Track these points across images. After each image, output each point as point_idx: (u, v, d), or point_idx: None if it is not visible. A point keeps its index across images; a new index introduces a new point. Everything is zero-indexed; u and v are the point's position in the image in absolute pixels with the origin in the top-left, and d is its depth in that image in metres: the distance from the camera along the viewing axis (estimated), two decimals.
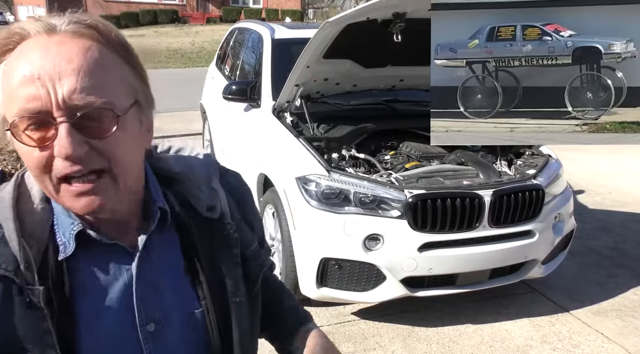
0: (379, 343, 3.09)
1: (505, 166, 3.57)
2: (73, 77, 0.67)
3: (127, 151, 0.73)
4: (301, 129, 3.59)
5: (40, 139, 0.68)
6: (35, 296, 0.71)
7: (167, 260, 0.83)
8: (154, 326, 0.80)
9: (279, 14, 31.84)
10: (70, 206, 0.72)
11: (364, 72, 3.58)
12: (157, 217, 0.81)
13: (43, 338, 0.71)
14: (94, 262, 0.77)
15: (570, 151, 6.85)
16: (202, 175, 0.90)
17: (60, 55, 0.67)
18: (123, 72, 0.73)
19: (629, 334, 3.24)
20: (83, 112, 0.67)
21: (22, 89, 0.67)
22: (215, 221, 0.87)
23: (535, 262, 3.31)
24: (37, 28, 0.70)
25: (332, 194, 3.01)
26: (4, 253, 0.72)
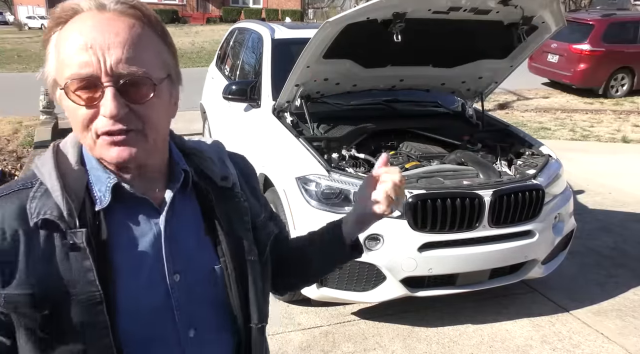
0: (379, 343, 3.09)
1: (505, 166, 3.57)
2: (119, 49, 0.78)
3: (159, 116, 0.85)
4: (301, 129, 3.59)
5: (88, 99, 0.79)
6: (78, 238, 0.81)
7: (189, 220, 0.94)
8: (179, 276, 0.89)
9: (279, 14, 31.84)
10: (105, 155, 0.83)
11: (364, 72, 3.57)
12: (181, 177, 0.92)
13: (85, 275, 0.81)
14: (126, 215, 0.88)
15: (570, 151, 6.86)
16: (214, 152, 1.02)
17: (110, 29, 0.79)
18: (159, 48, 0.85)
19: (629, 334, 3.24)
20: (126, 79, 0.79)
21: (75, 56, 0.78)
22: (229, 190, 0.99)
23: (535, 262, 3.30)
24: (89, 5, 0.81)
25: (332, 194, 3.01)
26: (48, 203, 0.82)
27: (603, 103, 10.46)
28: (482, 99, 4.09)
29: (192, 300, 0.91)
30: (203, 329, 0.92)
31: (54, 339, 0.81)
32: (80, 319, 0.81)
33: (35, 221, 0.81)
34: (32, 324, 0.81)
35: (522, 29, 3.35)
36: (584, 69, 10.49)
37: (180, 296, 0.89)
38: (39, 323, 0.80)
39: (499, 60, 3.75)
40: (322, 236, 1.14)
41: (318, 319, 3.31)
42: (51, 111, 7.66)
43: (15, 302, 0.80)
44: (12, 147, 6.95)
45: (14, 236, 0.81)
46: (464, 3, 3.03)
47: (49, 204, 0.82)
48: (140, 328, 0.86)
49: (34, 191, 0.84)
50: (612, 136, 8.13)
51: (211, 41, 20.90)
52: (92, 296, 0.81)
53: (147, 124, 0.83)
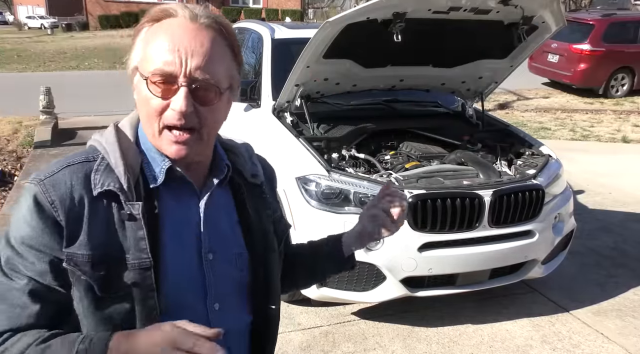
0: (379, 343, 3.09)
1: (505, 166, 3.57)
2: (200, 57, 0.91)
3: (217, 118, 0.97)
4: (301, 129, 3.59)
5: (164, 92, 0.91)
6: (135, 210, 0.92)
7: (224, 210, 1.06)
8: (212, 255, 1.01)
9: (279, 14, 31.83)
10: (165, 149, 0.95)
11: (364, 72, 3.57)
12: (226, 170, 1.04)
13: (139, 243, 0.92)
14: (173, 195, 0.99)
15: (570, 151, 6.86)
16: (244, 152, 1.14)
17: (197, 39, 0.91)
18: (230, 63, 0.97)
19: (629, 334, 3.24)
20: (198, 84, 0.91)
21: (163, 54, 0.90)
22: (257, 186, 1.12)
23: (535, 262, 3.30)
24: (184, 13, 0.93)
25: (332, 194, 3.01)
26: (111, 176, 0.93)
27: (603, 103, 10.46)
28: (482, 99, 4.09)
29: (220, 278, 1.02)
30: (226, 305, 1.03)
31: (108, 297, 0.91)
32: (131, 281, 0.91)
33: (99, 191, 0.92)
34: (89, 282, 0.90)
35: (522, 29, 3.35)
36: (584, 69, 10.49)
37: (212, 273, 1.00)
38: (95, 282, 0.90)
39: (499, 60, 3.74)
40: (320, 247, 1.26)
41: (318, 319, 3.31)
42: (51, 111, 7.66)
43: (76, 261, 0.89)
44: (12, 147, 6.95)
45: (81, 202, 0.91)
46: (464, 3, 3.02)
47: (112, 177, 0.93)
48: (178, 294, 0.96)
49: (97, 164, 0.94)
50: (612, 136, 8.13)
51: None
52: (143, 261, 0.91)
53: (205, 125, 0.94)
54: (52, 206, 0.90)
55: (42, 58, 17.30)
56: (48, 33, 30.17)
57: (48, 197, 0.90)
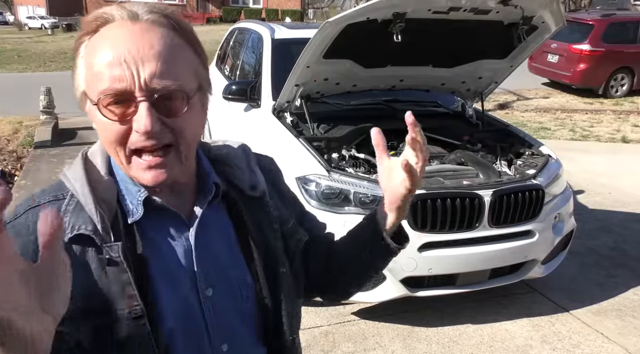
0: (379, 343, 3.09)
1: (505, 166, 3.57)
2: (154, 63, 0.76)
3: (192, 128, 0.82)
4: (301, 129, 3.59)
5: (121, 114, 0.77)
6: (114, 252, 0.79)
7: (220, 233, 0.91)
8: (211, 290, 0.88)
9: (279, 14, 31.84)
10: (139, 177, 0.81)
11: (364, 72, 3.57)
12: (213, 190, 0.90)
13: (125, 289, 0.79)
14: (157, 229, 0.86)
15: (570, 151, 6.86)
16: (242, 158, 0.98)
17: (143, 41, 0.76)
18: (191, 58, 0.82)
19: (629, 334, 3.24)
20: (160, 93, 0.76)
21: (108, 70, 0.75)
22: (257, 199, 0.96)
23: (535, 262, 3.30)
24: (121, 14, 0.78)
25: (332, 194, 3.01)
26: (82, 216, 0.80)
27: (603, 103, 10.46)
28: (482, 99, 4.09)
29: (225, 314, 0.89)
30: (235, 343, 0.90)
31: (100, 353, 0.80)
32: (124, 333, 0.80)
33: (69, 236, 0.79)
34: (77, 338, 0.79)
35: (522, 29, 3.35)
36: (583, 69, 10.49)
37: (214, 310, 0.88)
38: (83, 340, 0.79)
39: (499, 60, 3.75)
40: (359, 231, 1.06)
41: (318, 319, 3.31)
42: (51, 111, 7.66)
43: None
44: (12, 147, 6.96)
45: None
46: (464, 3, 3.03)
47: (83, 217, 0.81)
48: (179, 340, 0.85)
49: (66, 203, 0.82)
50: (612, 136, 8.13)
51: (211, 41, 20.86)
52: (133, 309, 0.80)
53: (181, 138, 0.80)
54: None
55: (42, 58, 17.30)
56: (48, 33, 30.19)
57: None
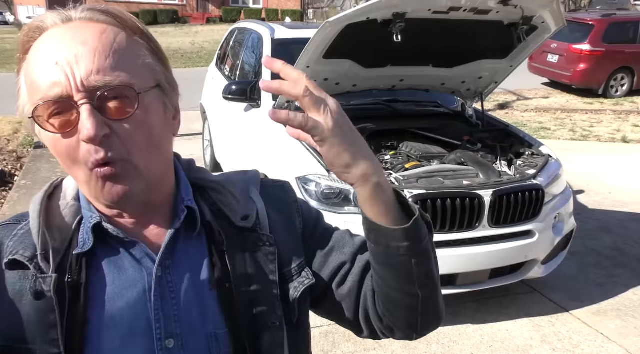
0: (379, 343, 3.09)
1: (505, 166, 3.57)
2: (89, 58, 0.66)
3: (148, 135, 0.70)
4: None
5: (63, 125, 0.67)
6: (46, 285, 0.69)
7: (193, 270, 0.76)
8: (173, 342, 0.73)
9: (279, 14, 31.84)
10: (99, 195, 0.70)
11: (364, 72, 3.58)
12: (183, 216, 0.76)
13: (48, 332, 0.68)
14: (112, 261, 0.74)
15: (570, 151, 6.86)
16: (239, 185, 0.84)
17: (75, 38, 0.67)
18: (140, 52, 0.71)
19: (629, 334, 3.24)
20: (102, 91, 0.66)
21: (42, 76, 0.67)
22: (249, 231, 0.80)
23: (535, 262, 3.31)
24: (54, 19, 0.70)
25: (332, 194, 3.01)
26: (26, 242, 0.72)
27: (603, 103, 10.46)
28: (482, 99, 4.09)
29: None
30: None
31: None
32: None
33: (5, 261, 0.70)
34: None
35: (522, 29, 3.35)
36: (583, 69, 10.49)
37: None
38: None
39: (499, 60, 3.75)
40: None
41: (318, 319, 3.28)
42: None
43: None
44: (12, 147, 6.96)
45: None
46: (464, 3, 3.03)
47: (26, 243, 0.72)
48: None
49: (20, 227, 0.74)
50: (612, 136, 8.13)
51: (211, 41, 20.89)
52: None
53: (133, 149, 0.68)
54: None
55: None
56: None
57: None
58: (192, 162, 0.86)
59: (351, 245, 0.88)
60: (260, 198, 0.84)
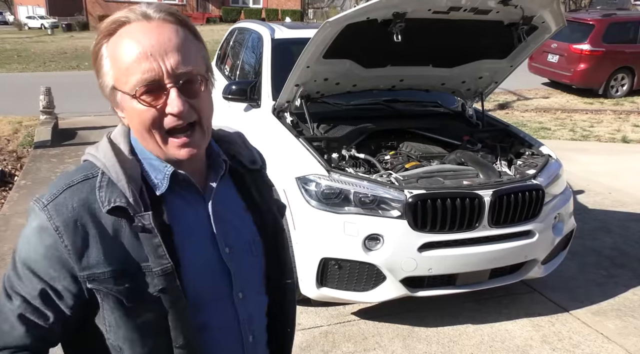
0: (379, 343, 3.09)
1: (505, 166, 3.57)
2: (175, 53, 0.90)
3: (208, 105, 0.97)
4: (301, 129, 3.59)
5: (154, 100, 0.90)
6: (145, 220, 0.92)
7: (230, 201, 1.08)
8: (228, 249, 1.03)
9: (279, 14, 31.83)
10: (175, 154, 0.94)
11: (364, 72, 3.57)
12: (224, 166, 1.05)
13: (157, 250, 0.93)
14: (179, 200, 0.99)
15: (570, 151, 6.86)
16: (240, 137, 1.16)
17: (162, 36, 0.90)
18: (198, 46, 0.96)
19: (629, 334, 3.24)
20: (185, 78, 0.91)
21: (138, 64, 0.88)
22: (258, 171, 1.15)
23: (535, 262, 3.30)
24: (136, 16, 0.91)
25: (332, 194, 3.01)
26: (115, 191, 0.92)
27: (603, 103, 10.46)
28: (482, 99, 4.09)
29: (241, 268, 1.05)
30: (248, 292, 1.07)
31: (138, 307, 0.94)
32: (157, 288, 0.93)
33: (107, 209, 0.91)
34: (116, 296, 0.92)
35: (522, 29, 3.35)
36: (584, 69, 10.49)
37: (233, 266, 1.03)
38: (122, 295, 0.92)
39: (499, 60, 3.75)
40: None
41: (318, 319, 3.31)
42: (51, 111, 7.66)
43: (98, 280, 0.91)
44: (12, 147, 6.95)
45: (88, 222, 0.91)
46: (464, 3, 3.03)
47: (116, 192, 0.92)
48: (205, 292, 1.00)
49: (99, 181, 0.93)
50: (612, 136, 8.13)
51: (211, 41, 20.86)
52: (165, 267, 0.93)
53: (202, 115, 0.95)
54: (57, 232, 0.90)
55: (42, 58, 17.29)
56: (48, 33, 30.16)
57: (52, 224, 0.90)
58: None
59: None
60: (254, 147, 1.18)
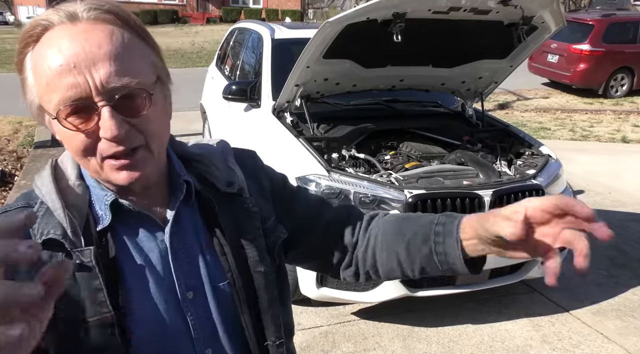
0: (379, 343, 3.09)
1: (505, 166, 3.57)
2: (106, 62, 0.71)
3: (159, 125, 0.79)
4: (301, 129, 3.59)
5: (84, 124, 0.73)
6: (85, 257, 0.76)
7: (194, 233, 0.88)
8: (192, 294, 0.85)
9: (279, 14, 31.84)
10: (113, 179, 0.78)
11: (364, 72, 3.58)
12: (184, 189, 0.86)
13: (96, 295, 0.76)
14: (131, 233, 0.83)
15: (570, 151, 6.86)
16: (218, 156, 0.95)
17: (90, 42, 0.71)
18: (144, 50, 0.78)
19: (629, 334, 3.24)
20: (121, 93, 0.72)
21: (60, 78, 0.71)
22: (235, 195, 0.92)
23: (535, 263, 3.30)
24: (60, 18, 0.73)
25: (332, 194, 3.01)
26: (51, 221, 0.77)
27: (603, 103, 10.46)
28: (482, 99, 4.09)
29: (208, 318, 0.86)
30: (220, 349, 0.87)
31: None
32: (94, 343, 0.76)
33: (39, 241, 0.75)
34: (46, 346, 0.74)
35: (522, 29, 3.35)
36: (583, 69, 10.49)
37: (195, 314, 0.85)
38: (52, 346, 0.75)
39: (499, 60, 3.75)
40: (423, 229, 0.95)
41: (318, 319, 3.31)
42: None
43: None
44: (12, 147, 6.96)
45: None
46: (464, 3, 3.03)
47: (52, 223, 0.77)
48: (159, 346, 0.81)
49: (35, 210, 0.79)
50: (612, 136, 8.13)
51: (211, 41, 20.89)
52: (104, 317, 0.76)
53: (150, 137, 0.77)
54: None
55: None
56: None
57: None
58: (172, 137, 0.93)
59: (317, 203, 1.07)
60: (237, 166, 0.95)
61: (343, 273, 1.05)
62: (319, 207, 1.06)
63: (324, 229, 1.03)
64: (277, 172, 1.09)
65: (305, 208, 1.05)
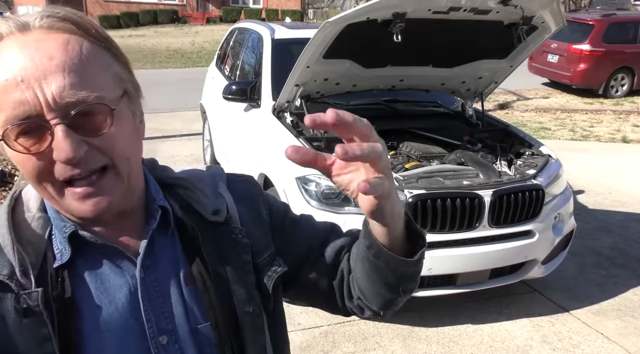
0: (379, 343, 3.09)
1: (505, 166, 3.57)
2: (59, 74, 0.62)
3: (125, 144, 0.69)
4: (301, 129, 3.59)
5: (36, 146, 0.64)
6: (32, 300, 0.66)
7: (172, 268, 0.77)
8: (166, 338, 0.74)
9: (279, 14, 31.83)
10: (77, 210, 0.68)
11: (364, 72, 3.58)
12: (158, 215, 0.76)
13: (42, 346, 0.66)
14: (93, 269, 0.73)
15: (570, 151, 6.86)
16: (207, 181, 0.85)
17: (40, 52, 0.62)
18: (107, 62, 0.68)
19: (629, 334, 3.24)
20: (77, 109, 0.63)
21: (6, 95, 0.62)
22: (222, 225, 0.81)
23: (535, 262, 3.30)
24: (8, 28, 0.65)
25: (332, 194, 3.01)
26: (0, 259, 0.68)
27: (603, 103, 10.46)
28: (482, 99, 4.09)
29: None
30: None
31: None
32: None
33: None
34: None
35: (522, 29, 3.35)
36: (583, 69, 10.49)
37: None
38: None
39: (499, 60, 3.75)
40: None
41: (318, 319, 3.31)
42: None
43: None
44: None
45: None
46: (464, 3, 3.03)
47: (1, 261, 0.68)
48: None
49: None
50: (612, 136, 8.13)
51: (211, 41, 20.88)
52: None
53: (117, 159, 0.67)
54: None
55: None
56: None
57: None
58: (154, 161, 0.86)
59: (322, 232, 0.95)
60: (228, 192, 0.85)
61: (349, 304, 0.95)
62: (325, 237, 0.95)
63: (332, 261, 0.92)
64: (278, 201, 0.96)
65: (309, 239, 0.93)
